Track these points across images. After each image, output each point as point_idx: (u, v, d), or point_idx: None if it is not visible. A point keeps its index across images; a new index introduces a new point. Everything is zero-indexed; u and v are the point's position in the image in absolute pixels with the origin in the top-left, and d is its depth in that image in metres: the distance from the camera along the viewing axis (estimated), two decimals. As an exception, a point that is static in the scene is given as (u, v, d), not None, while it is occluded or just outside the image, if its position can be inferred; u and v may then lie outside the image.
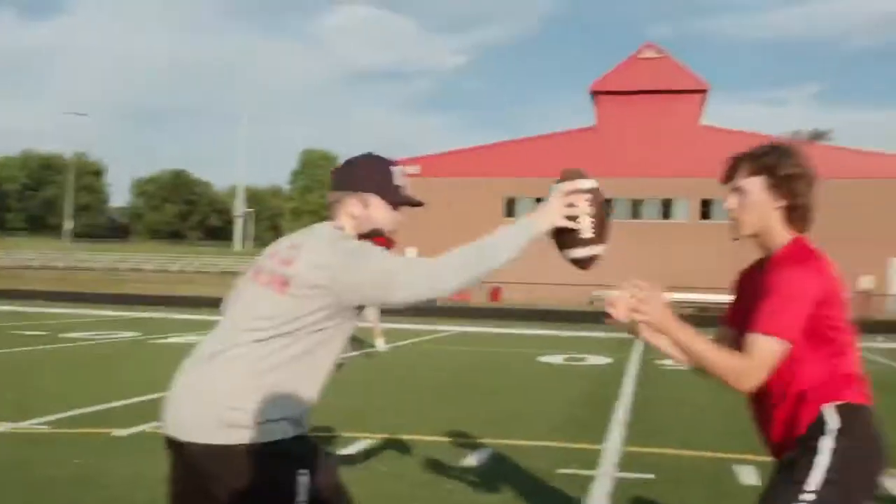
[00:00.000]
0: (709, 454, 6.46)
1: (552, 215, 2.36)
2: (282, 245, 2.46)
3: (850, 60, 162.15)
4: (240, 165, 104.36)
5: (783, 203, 2.44)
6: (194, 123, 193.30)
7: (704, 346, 2.35)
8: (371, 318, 14.92)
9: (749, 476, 5.62)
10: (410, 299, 2.28)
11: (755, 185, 2.45)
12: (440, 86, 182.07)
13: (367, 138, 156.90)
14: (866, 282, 38.68)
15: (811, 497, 2.23)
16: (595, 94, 44.24)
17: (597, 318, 29.25)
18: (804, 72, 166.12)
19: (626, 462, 6.08)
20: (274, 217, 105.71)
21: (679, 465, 6.06)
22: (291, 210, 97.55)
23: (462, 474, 5.55)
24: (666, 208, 43.68)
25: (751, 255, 2.64)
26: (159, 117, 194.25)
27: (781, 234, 2.46)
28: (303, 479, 2.24)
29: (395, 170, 2.52)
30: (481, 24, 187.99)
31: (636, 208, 43.88)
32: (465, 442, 6.63)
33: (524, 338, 19.89)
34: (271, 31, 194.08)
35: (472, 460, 6.00)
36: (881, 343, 20.94)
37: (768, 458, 2.50)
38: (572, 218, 2.37)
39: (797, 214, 2.45)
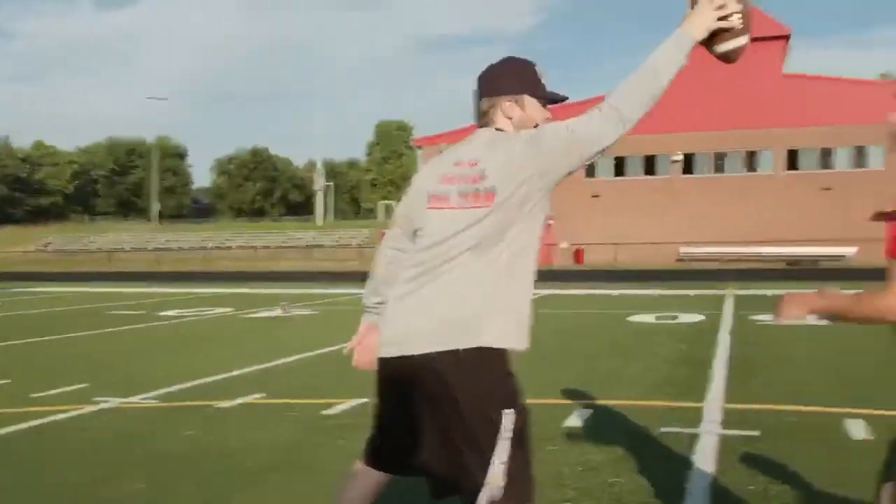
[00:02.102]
0: (814, 409, 6.25)
1: (706, 20, 2.36)
2: (451, 168, 2.49)
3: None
4: (317, 140, 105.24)
5: None
6: (270, 101, 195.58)
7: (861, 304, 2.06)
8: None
9: (859, 430, 5.40)
10: (606, 144, 2.32)
11: None
12: (513, 49, 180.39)
13: (442, 106, 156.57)
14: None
15: None
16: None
17: (684, 275, 28.86)
18: (890, 12, 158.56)
19: (729, 420, 5.95)
20: (352, 189, 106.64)
21: (784, 421, 5.89)
22: (370, 181, 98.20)
23: (566, 435, 5.53)
24: (750, 160, 42.58)
25: (841, 207, 2.43)
26: (235, 97, 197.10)
27: None
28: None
29: (538, 69, 2.56)
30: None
31: (718, 162, 42.93)
32: (567, 403, 6.59)
33: (612, 298, 19.69)
34: (342, 3, 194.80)
35: (575, 421, 5.96)
36: None
37: (878, 412, 2.34)
38: (724, 17, 2.36)
39: None
